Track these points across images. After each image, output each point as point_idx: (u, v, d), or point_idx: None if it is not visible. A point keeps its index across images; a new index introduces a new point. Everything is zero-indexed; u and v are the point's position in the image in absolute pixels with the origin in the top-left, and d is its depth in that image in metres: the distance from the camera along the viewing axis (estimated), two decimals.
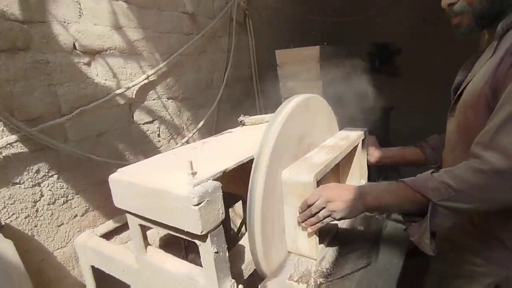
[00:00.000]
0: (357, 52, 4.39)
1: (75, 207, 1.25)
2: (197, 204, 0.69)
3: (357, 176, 1.16)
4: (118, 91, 1.35)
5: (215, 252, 0.76)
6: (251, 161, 0.84)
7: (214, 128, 2.02)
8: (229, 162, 0.87)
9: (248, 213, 0.81)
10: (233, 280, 0.81)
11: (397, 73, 4.35)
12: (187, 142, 1.80)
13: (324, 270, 0.83)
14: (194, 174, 0.76)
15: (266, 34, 2.56)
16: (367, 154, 1.18)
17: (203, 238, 0.75)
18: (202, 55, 1.89)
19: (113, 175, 0.90)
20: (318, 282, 0.81)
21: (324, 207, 0.78)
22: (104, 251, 1.12)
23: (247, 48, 2.32)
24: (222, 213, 0.77)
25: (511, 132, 0.61)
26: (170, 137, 1.70)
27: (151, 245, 0.99)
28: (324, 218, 0.78)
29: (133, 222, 0.92)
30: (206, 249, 0.76)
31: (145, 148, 1.55)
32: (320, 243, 0.89)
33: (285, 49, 2.02)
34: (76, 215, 1.26)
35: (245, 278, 0.98)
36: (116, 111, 1.38)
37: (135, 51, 1.45)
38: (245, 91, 2.34)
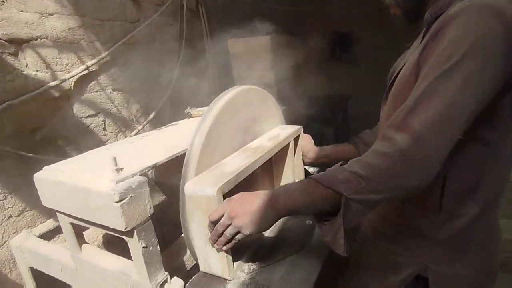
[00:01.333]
0: (317, 41, 4.48)
1: (8, 208, 1.18)
2: (119, 201, 0.69)
3: (290, 178, 1.12)
4: (52, 83, 1.27)
5: (143, 247, 0.76)
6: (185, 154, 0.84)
7: (168, 118, 1.98)
8: (162, 156, 0.86)
9: (180, 207, 0.82)
10: (166, 273, 0.82)
11: (356, 62, 4.49)
12: (138, 134, 1.75)
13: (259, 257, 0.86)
14: (118, 170, 0.75)
15: (222, 21, 2.51)
16: (302, 155, 1.17)
17: (129, 234, 0.75)
18: (152, 44, 1.83)
19: (38, 173, 0.86)
20: (251, 269, 0.84)
21: (230, 224, 0.68)
22: (42, 251, 1.08)
23: (201, 36, 2.27)
24: (150, 208, 0.77)
25: (422, 112, 0.59)
26: (117, 130, 1.64)
27: (87, 243, 0.97)
28: (232, 236, 0.69)
29: (64, 221, 0.90)
30: (134, 245, 0.76)
31: (89, 142, 1.48)
32: (237, 260, 0.83)
33: (238, 38, 2.00)
34: (10, 216, 1.19)
35: (188, 269, 1.00)
36: (52, 104, 1.30)
37: (71, 40, 1.37)
38: (200, 80, 2.30)
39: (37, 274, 1.15)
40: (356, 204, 0.61)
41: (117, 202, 0.69)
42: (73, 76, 1.36)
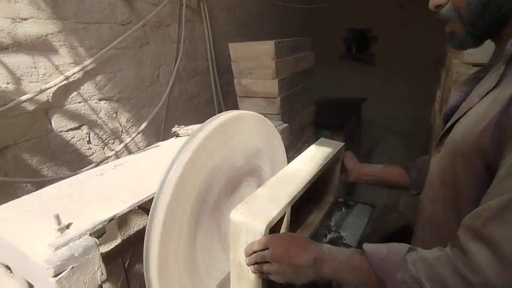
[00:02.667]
0: (331, 40, 4.23)
1: None
2: (55, 275, 0.55)
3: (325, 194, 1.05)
4: (25, 97, 1.15)
5: None
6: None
7: (162, 128, 1.85)
8: (122, 204, 0.72)
9: (144, 257, 0.68)
10: None
11: (373, 61, 4.22)
12: (126, 147, 1.62)
13: None
14: (62, 230, 0.61)
15: (226, 21, 2.34)
16: (346, 170, 1.04)
17: None
18: (145, 48, 1.68)
19: None
20: None
21: (268, 262, 0.65)
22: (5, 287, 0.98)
23: (203, 38, 2.10)
24: (102, 274, 0.64)
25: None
26: (103, 143, 1.51)
27: None
28: (266, 274, 0.66)
29: (15, 271, 0.77)
30: None
31: (71, 158, 1.37)
32: None
33: (239, 42, 1.83)
34: None
35: None
36: (25, 119, 1.18)
37: (49, 47, 1.24)
38: (201, 86, 2.15)
39: None
40: None
41: (53, 276, 0.55)
42: (51, 87, 1.23)
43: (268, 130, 1.02)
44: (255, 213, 0.69)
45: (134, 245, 1.27)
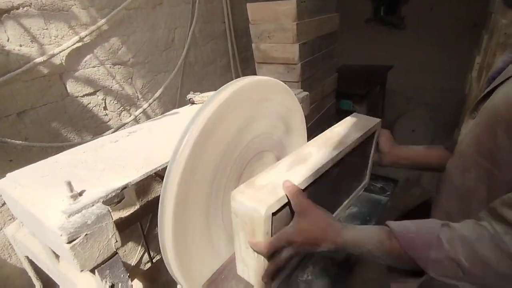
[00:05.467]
0: (357, 0, 3.90)
1: (1, 195, 1.12)
2: (69, 242, 0.55)
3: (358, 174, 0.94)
4: (39, 59, 1.12)
5: (110, 286, 0.64)
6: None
7: (178, 94, 1.81)
8: (137, 171, 0.70)
9: (159, 227, 0.67)
10: None
11: (402, 25, 3.88)
12: (145, 112, 1.61)
13: None
14: (75, 197, 0.60)
15: None
16: (380, 152, 0.92)
17: (91, 271, 0.62)
18: (158, 8, 1.59)
19: (0, 182, 0.74)
20: None
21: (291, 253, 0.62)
22: (30, 247, 1.02)
23: None
24: (117, 241, 0.63)
25: None
26: (121, 109, 1.50)
27: None
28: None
29: (35, 234, 0.80)
30: (98, 284, 0.64)
31: (88, 124, 1.36)
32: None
33: (258, 2, 1.69)
34: (4, 203, 1.14)
35: None
36: (41, 83, 1.16)
37: (60, 7, 1.18)
38: (217, 51, 2.06)
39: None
40: (439, 282, 0.50)
41: (67, 243, 0.55)
42: (64, 49, 1.19)
43: (288, 98, 0.95)
44: (258, 195, 0.61)
45: (153, 211, 1.29)
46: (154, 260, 1.58)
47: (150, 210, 1.26)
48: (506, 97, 0.55)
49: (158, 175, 1.27)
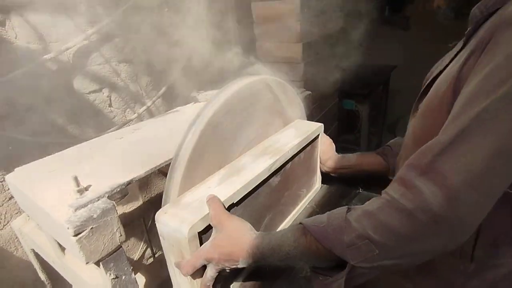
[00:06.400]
0: (362, 1, 3.88)
1: (8, 189, 1.15)
2: (76, 235, 0.57)
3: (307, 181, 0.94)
4: (47, 56, 1.14)
5: (112, 279, 0.66)
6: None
7: (183, 92, 1.82)
8: (141, 167, 0.72)
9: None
10: None
11: (407, 25, 3.87)
12: (148, 110, 1.62)
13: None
14: (81, 191, 0.62)
15: None
16: (320, 162, 0.98)
17: (96, 264, 0.64)
18: (164, 6, 1.60)
19: (9, 176, 0.77)
20: None
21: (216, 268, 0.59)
22: (37, 240, 1.05)
23: None
24: (121, 235, 0.65)
25: (460, 155, 0.43)
26: (125, 106, 1.52)
27: None
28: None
29: (42, 227, 0.82)
30: (102, 275, 0.66)
31: (94, 120, 1.38)
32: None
33: (262, 1, 1.70)
34: (11, 197, 1.16)
35: None
36: (47, 80, 1.19)
37: (68, 5, 1.20)
38: (221, 49, 2.07)
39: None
40: (363, 269, 0.50)
41: (73, 236, 0.57)
42: (71, 47, 1.21)
43: (290, 97, 0.96)
44: (182, 214, 0.57)
45: (156, 207, 1.31)
46: (156, 256, 1.60)
47: (153, 206, 1.28)
48: (434, 88, 0.61)
49: (161, 172, 1.29)
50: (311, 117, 1.56)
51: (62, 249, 0.85)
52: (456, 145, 0.44)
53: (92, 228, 0.58)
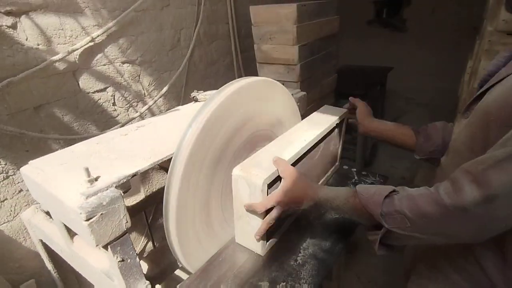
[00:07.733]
0: (359, 2, 3.95)
1: (18, 182, 1.21)
2: (87, 220, 0.63)
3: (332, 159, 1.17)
4: (55, 57, 1.21)
5: (119, 261, 0.72)
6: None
7: (183, 92, 1.89)
8: (145, 161, 0.79)
9: (164, 212, 0.76)
10: (147, 282, 0.80)
11: (404, 27, 3.93)
12: (150, 109, 1.69)
13: (242, 276, 0.80)
14: (92, 181, 0.69)
15: None
16: (358, 122, 1.06)
17: (104, 247, 0.71)
18: (165, 10, 1.67)
19: (23, 168, 0.83)
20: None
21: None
22: (46, 230, 1.11)
23: (224, 0, 2.04)
24: (127, 222, 0.72)
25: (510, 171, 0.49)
26: (128, 105, 1.58)
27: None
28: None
29: (54, 215, 0.88)
30: (109, 258, 0.72)
31: (98, 118, 1.45)
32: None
33: (261, 5, 1.77)
34: (21, 190, 1.23)
35: (174, 271, 0.98)
36: (56, 79, 1.25)
37: (75, 9, 1.27)
38: (221, 51, 2.14)
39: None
40: (396, 234, 0.61)
41: (85, 220, 0.63)
42: (77, 49, 1.28)
43: (285, 96, 1.03)
44: (256, 170, 0.76)
45: (157, 201, 1.38)
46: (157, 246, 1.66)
47: (154, 200, 1.35)
48: (498, 98, 0.59)
49: (163, 168, 1.36)
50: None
51: (72, 236, 0.92)
52: (507, 161, 0.49)
53: (101, 214, 0.65)
